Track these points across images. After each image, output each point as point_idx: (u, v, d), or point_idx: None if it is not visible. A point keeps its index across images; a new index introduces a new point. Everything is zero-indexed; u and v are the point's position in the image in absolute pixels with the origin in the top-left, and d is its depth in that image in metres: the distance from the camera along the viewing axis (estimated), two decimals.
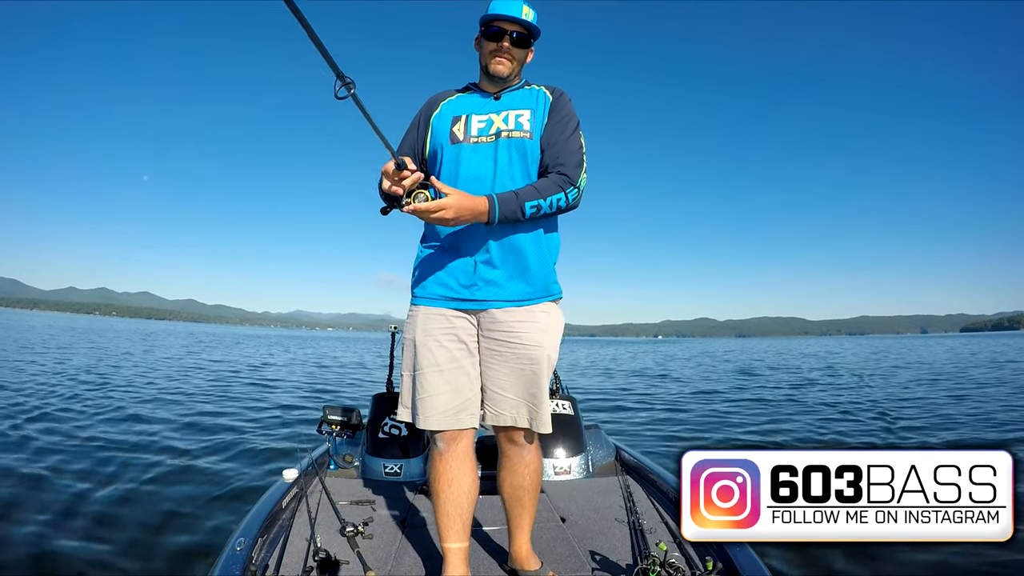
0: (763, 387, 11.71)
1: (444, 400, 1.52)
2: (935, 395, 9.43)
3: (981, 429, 6.23)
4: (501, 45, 1.55)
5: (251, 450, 4.97)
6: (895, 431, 6.28)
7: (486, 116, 1.57)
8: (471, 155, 1.54)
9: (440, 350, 1.54)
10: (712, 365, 20.21)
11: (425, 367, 1.54)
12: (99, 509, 3.31)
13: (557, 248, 1.64)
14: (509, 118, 1.55)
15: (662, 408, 8.47)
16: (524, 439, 1.60)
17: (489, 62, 1.57)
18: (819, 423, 6.97)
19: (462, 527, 1.57)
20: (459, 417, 1.53)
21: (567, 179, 1.51)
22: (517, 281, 1.54)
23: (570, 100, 1.61)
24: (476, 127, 1.56)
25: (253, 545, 1.68)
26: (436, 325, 1.55)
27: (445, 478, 1.55)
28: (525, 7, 1.54)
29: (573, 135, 1.57)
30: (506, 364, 1.54)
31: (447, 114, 1.61)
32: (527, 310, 1.55)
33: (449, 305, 1.56)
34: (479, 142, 1.55)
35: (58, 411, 6.40)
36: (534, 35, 1.58)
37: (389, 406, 2.84)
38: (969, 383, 11.24)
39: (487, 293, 1.53)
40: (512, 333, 1.53)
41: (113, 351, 18.08)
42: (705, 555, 1.62)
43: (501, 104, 1.59)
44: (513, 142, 1.53)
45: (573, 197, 1.53)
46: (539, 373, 1.53)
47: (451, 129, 1.58)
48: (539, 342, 1.53)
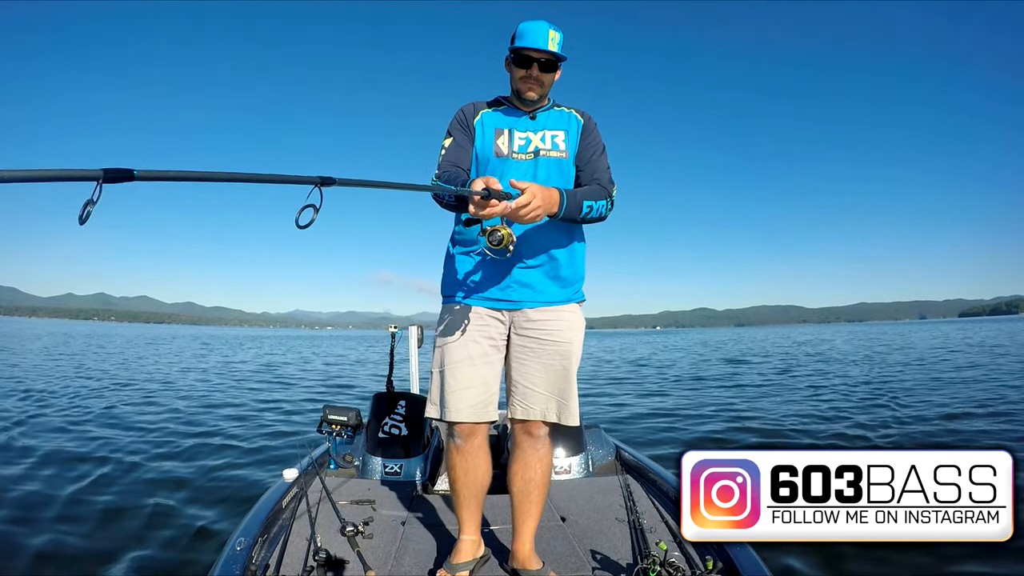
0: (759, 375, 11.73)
1: (474, 394, 1.61)
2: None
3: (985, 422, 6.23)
4: (531, 73, 1.62)
5: (251, 450, 4.97)
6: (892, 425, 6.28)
7: (525, 134, 1.67)
8: (513, 170, 1.63)
9: (473, 345, 1.62)
10: (704, 355, 20.22)
11: (459, 360, 1.62)
12: (98, 509, 3.31)
13: (584, 255, 1.74)
14: (546, 138, 1.66)
15: (660, 403, 8.47)
16: (542, 432, 1.67)
17: (521, 88, 1.66)
18: (814, 416, 6.98)
19: (476, 518, 1.72)
20: (486, 410, 1.63)
21: (606, 191, 1.65)
22: (550, 284, 1.65)
23: (596, 124, 1.75)
24: (517, 144, 1.66)
25: (253, 545, 1.68)
26: (470, 322, 1.63)
27: (462, 467, 1.66)
28: (551, 32, 1.60)
29: (603, 155, 1.72)
30: (538, 360, 1.63)
31: (490, 124, 1.69)
32: (557, 310, 1.65)
33: (484, 304, 1.64)
34: (520, 159, 1.65)
35: (64, 412, 6.41)
36: (561, 60, 1.64)
37: (389, 406, 2.84)
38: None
39: (522, 294, 1.63)
40: (545, 331, 1.63)
41: (132, 354, 18.11)
42: (705, 555, 1.63)
43: (537, 124, 1.68)
44: (552, 161, 1.64)
45: (610, 207, 1.65)
46: (569, 369, 1.64)
47: (495, 141, 1.67)
48: (569, 339, 1.64)
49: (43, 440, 5.00)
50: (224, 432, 5.70)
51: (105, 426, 5.76)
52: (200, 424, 6.12)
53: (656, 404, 8.19)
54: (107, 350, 20.22)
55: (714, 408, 7.64)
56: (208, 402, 7.82)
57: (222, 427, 6.00)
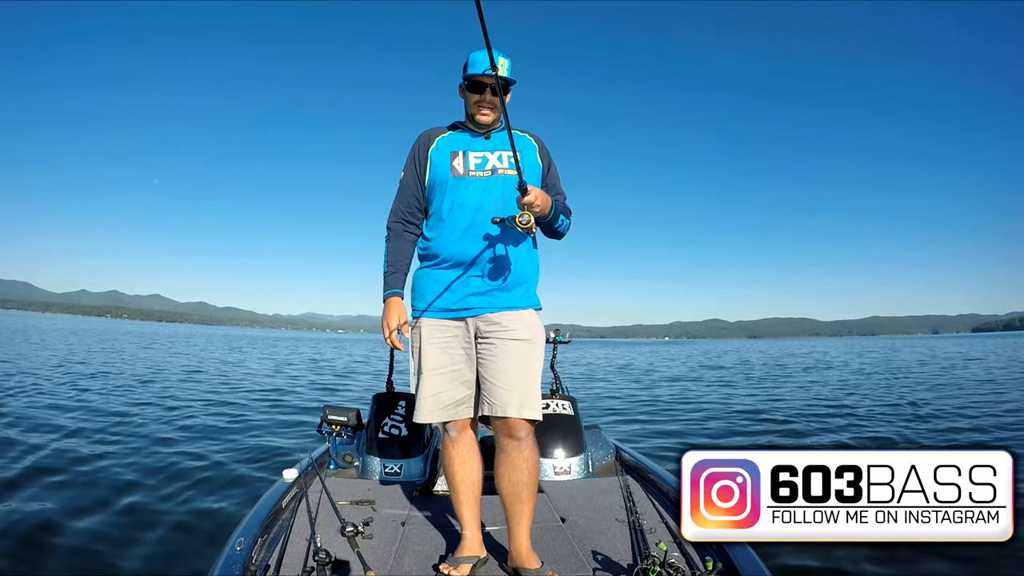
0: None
1: (445, 397, 1.74)
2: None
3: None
4: (484, 97, 1.75)
5: (251, 449, 4.97)
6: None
7: (481, 153, 1.78)
8: (470, 187, 1.74)
9: (441, 355, 1.75)
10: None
11: (427, 371, 1.74)
12: (99, 507, 3.31)
13: (538, 264, 1.87)
14: (503, 157, 1.77)
15: (661, 407, 8.48)
16: (522, 433, 1.69)
17: (474, 112, 1.78)
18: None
19: (476, 514, 1.79)
20: (457, 409, 1.75)
21: (569, 211, 1.85)
22: (508, 292, 1.75)
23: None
24: (473, 163, 1.76)
25: (253, 545, 1.68)
26: (437, 334, 1.76)
27: (459, 460, 1.77)
28: (500, 59, 1.72)
29: (558, 176, 1.90)
30: (500, 358, 1.71)
31: (445, 149, 1.79)
32: (518, 313, 1.76)
33: (447, 316, 1.76)
34: (477, 176, 1.75)
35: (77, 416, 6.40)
36: (511, 84, 1.77)
37: (389, 406, 2.84)
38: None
39: (481, 302, 1.73)
40: (506, 331, 1.73)
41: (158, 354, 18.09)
42: (705, 555, 1.62)
43: (493, 144, 1.79)
44: (509, 179, 1.72)
45: (569, 224, 1.86)
46: (531, 365, 1.72)
47: (451, 163, 1.77)
48: (528, 336, 1.74)
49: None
50: (225, 432, 5.69)
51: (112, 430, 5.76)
52: (201, 423, 6.11)
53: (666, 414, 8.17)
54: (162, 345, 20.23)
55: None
56: (214, 400, 7.82)
57: (223, 427, 6.00)
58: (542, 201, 1.61)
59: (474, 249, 1.71)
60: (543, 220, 1.71)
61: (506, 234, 1.72)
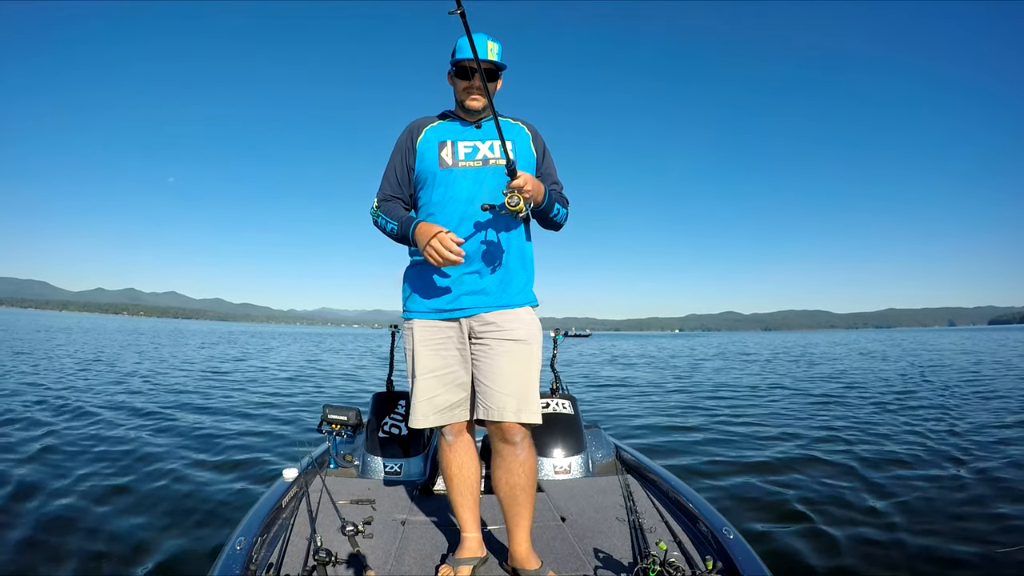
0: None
1: (440, 401, 1.69)
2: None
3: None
4: (472, 84, 1.66)
5: (251, 449, 4.98)
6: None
7: (471, 143, 1.70)
8: (460, 178, 1.66)
9: (435, 358, 1.69)
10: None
11: (421, 374, 1.69)
12: (97, 508, 3.31)
13: (532, 259, 1.79)
14: (494, 147, 1.69)
15: (667, 406, 8.46)
16: (518, 437, 1.64)
17: (464, 99, 1.70)
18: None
19: (475, 515, 1.76)
20: (453, 413, 1.70)
21: (566, 201, 1.78)
22: (503, 290, 1.68)
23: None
24: (463, 152, 1.69)
25: (253, 544, 1.68)
26: (430, 336, 1.70)
27: (456, 463, 1.74)
28: (490, 43, 1.64)
29: (552, 163, 1.83)
30: (496, 360, 1.64)
31: (432, 139, 1.72)
32: (513, 312, 1.69)
33: (440, 316, 1.69)
34: (467, 167, 1.68)
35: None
36: (501, 69, 1.68)
37: (389, 405, 2.84)
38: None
39: (475, 301, 1.67)
40: (502, 331, 1.66)
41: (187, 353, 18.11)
42: (705, 554, 1.62)
43: (483, 133, 1.72)
44: (501, 168, 1.63)
45: (566, 217, 1.80)
46: (528, 366, 1.65)
47: (439, 154, 1.70)
48: (525, 337, 1.66)
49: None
50: (224, 432, 5.70)
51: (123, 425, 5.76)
52: (200, 423, 6.12)
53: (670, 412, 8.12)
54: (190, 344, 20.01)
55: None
56: (216, 400, 7.83)
57: (222, 427, 6.00)
58: (533, 186, 1.54)
59: (466, 245, 1.62)
60: (537, 208, 1.65)
61: (499, 228, 1.66)
